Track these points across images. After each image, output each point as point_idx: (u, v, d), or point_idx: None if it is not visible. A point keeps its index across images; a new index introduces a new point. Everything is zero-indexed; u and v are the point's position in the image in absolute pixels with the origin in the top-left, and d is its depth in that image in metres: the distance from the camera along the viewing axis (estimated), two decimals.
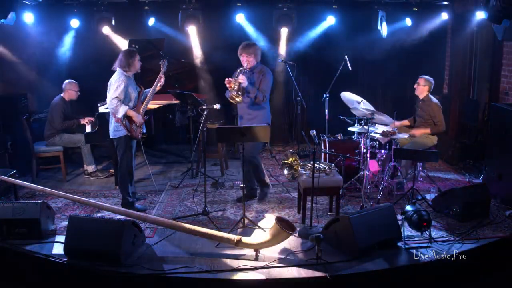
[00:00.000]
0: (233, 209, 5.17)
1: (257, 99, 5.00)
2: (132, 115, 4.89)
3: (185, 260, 3.96)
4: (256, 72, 5.10)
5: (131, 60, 4.86)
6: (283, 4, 7.25)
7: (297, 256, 4.04)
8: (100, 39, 7.40)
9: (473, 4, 6.63)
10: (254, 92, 4.98)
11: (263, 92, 5.01)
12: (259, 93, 4.99)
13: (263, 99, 5.01)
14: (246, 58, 5.01)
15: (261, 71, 5.10)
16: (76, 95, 6.31)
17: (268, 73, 5.11)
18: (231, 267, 3.82)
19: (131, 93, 4.90)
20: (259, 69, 5.12)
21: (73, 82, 6.29)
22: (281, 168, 4.96)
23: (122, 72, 4.85)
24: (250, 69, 5.08)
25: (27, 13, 6.44)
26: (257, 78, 5.08)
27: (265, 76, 5.06)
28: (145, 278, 3.70)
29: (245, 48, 5.02)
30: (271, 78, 5.12)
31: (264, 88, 5.03)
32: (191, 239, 4.31)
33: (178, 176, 6.37)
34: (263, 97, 5.00)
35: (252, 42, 5.14)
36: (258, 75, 5.08)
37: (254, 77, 5.09)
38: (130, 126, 4.91)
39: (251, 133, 4.46)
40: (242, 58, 5.05)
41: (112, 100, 4.76)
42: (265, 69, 5.13)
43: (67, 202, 5.35)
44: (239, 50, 5.06)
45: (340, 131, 6.12)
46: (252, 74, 5.11)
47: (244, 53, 5.02)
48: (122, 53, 4.92)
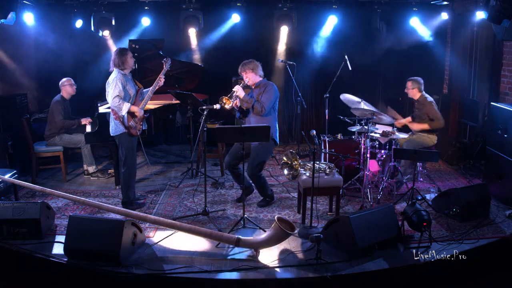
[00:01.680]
0: (233, 209, 5.17)
1: (254, 109, 4.98)
2: (135, 110, 4.98)
3: (185, 260, 3.96)
4: (258, 87, 5.09)
5: (124, 58, 4.94)
6: (283, 4, 7.25)
7: (297, 256, 4.04)
8: (100, 39, 7.40)
9: (473, 4, 6.63)
10: (251, 102, 4.97)
11: (262, 104, 4.95)
12: (256, 103, 4.96)
13: (262, 110, 4.93)
14: (245, 75, 5.07)
15: (263, 85, 5.08)
16: (73, 89, 6.31)
17: (270, 86, 5.05)
18: (231, 267, 3.82)
19: (129, 91, 4.97)
20: (262, 84, 5.10)
21: (68, 78, 6.31)
22: (281, 168, 4.95)
23: (118, 71, 4.92)
24: (253, 85, 5.11)
25: (27, 13, 6.44)
26: (258, 92, 5.07)
27: (266, 88, 5.04)
28: (145, 278, 3.70)
29: (242, 67, 5.07)
30: (272, 91, 5.03)
31: (263, 100, 4.98)
32: (191, 239, 4.31)
33: (178, 176, 6.38)
34: (261, 107, 4.93)
35: (249, 60, 5.10)
36: (259, 89, 5.07)
37: (255, 92, 5.10)
38: (128, 123, 4.95)
39: (251, 133, 4.46)
40: (243, 76, 5.11)
41: (114, 99, 4.83)
42: (267, 84, 5.10)
43: (67, 202, 5.35)
44: (239, 69, 5.11)
45: (340, 131, 6.12)
46: (253, 89, 5.13)
47: (242, 72, 5.08)
48: (114, 53, 5.01)
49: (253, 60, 5.10)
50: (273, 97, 5.02)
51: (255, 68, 5.06)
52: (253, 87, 5.12)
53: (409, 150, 5.24)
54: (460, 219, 4.68)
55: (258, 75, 5.09)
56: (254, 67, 5.05)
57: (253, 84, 5.10)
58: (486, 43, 6.90)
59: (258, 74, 5.09)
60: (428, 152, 5.17)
